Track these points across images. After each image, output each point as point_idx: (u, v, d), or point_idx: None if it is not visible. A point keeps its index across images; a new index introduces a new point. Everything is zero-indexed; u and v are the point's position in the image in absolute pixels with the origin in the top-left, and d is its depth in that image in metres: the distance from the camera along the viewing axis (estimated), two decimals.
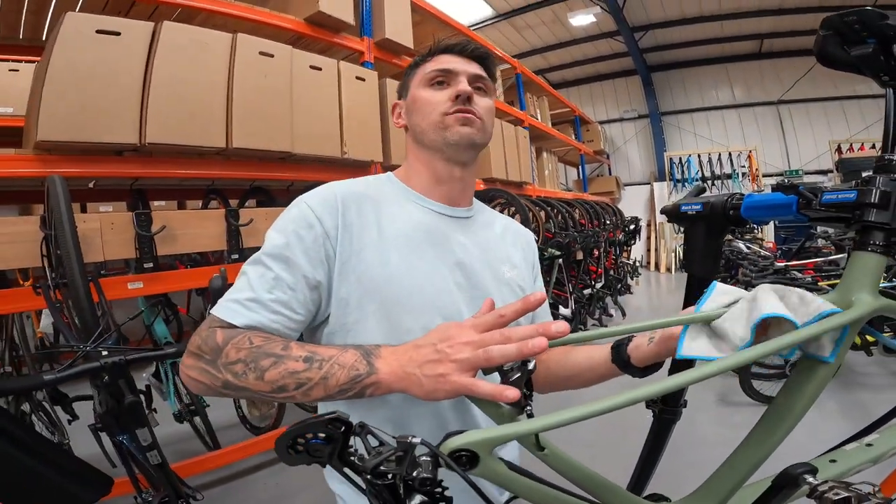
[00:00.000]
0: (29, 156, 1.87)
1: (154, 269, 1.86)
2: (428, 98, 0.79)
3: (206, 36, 2.23)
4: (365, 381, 0.55)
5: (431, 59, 0.82)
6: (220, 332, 0.62)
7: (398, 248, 0.73)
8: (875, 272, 0.58)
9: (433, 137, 0.79)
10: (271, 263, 0.67)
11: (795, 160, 9.67)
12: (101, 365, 1.03)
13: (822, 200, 0.61)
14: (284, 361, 0.58)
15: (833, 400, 2.99)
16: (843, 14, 0.62)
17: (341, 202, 0.73)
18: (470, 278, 0.77)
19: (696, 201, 0.77)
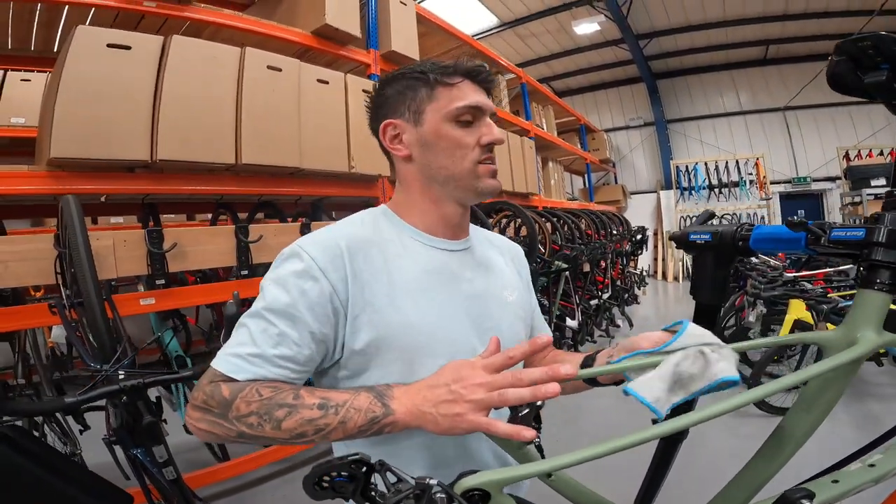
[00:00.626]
0: (42, 172, 1.90)
1: (165, 285, 1.89)
2: (459, 139, 0.74)
3: (215, 50, 2.26)
4: (383, 422, 0.58)
5: (454, 85, 0.74)
6: (225, 387, 0.62)
7: (410, 293, 0.71)
8: (880, 310, 0.58)
9: (461, 185, 0.75)
10: (275, 319, 0.65)
11: (803, 167, 9.61)
12: (121, 388, 1.06)
13: (831, 237, 0.61)
14: (299, 410, 0.58)
15: (844, 411, 2.95)
16: (857, 39, 0.62)
17: (347, 252, 0.69)
18: (480, 311, 0.77)
19: (705, 230, 0.78)
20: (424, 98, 0.75)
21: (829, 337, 0.63)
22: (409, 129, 0.76)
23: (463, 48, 4.61)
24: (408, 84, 0.76)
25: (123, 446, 1.31)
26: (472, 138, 0.74)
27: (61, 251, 1.62)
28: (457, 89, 0.74)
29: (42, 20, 2.59)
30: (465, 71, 0.75)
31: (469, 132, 0.74)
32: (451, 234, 0.79)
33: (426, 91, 0.75)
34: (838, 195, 8.99)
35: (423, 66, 0.75)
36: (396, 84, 0.77)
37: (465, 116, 0.74)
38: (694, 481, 1.84)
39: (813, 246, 0.64)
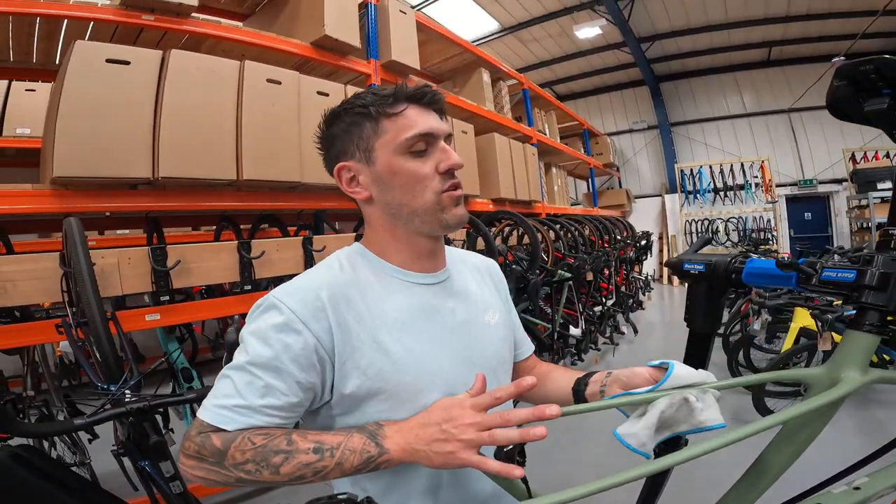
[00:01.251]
0: (46, 191, 1.93)
1: (170, 301, 1.91)
2: (414, 171, 0.70)
3: (215, 64, 2.26)
4: (378, 461, 0.60)
5: (398, 114, 0.70)
6: (216, 437, 0.62)
7: (394, 335, 0.70)
8: (867, 351, 0.59)
9: (426, 219, 0.72)
10: (259, 373, 0.64)
11: (809, 169, 9.54)
12: (127, 410, 1.09)
13: (822, 277, 0.61)
14: (295, 455, 0.60)
15: (850, 418, 2.95)
16: (859, 62, 0.60)
17: (329, 302, 0.67)
18: (465, 340, 0.76)
19: (700, 261, 0.78)
20: (371, 133, 0.71)
21: (814, 374, 0.63)
22: (363, 169, 0.73)
23: (464, 55, 4.63)
24: (351, 121, 0.72)
25: (132, 458, 1.34)
26: (429, 167, 0.71)
27: (66, 270, 1.65)
28: (403, 118, 0.70)
29: (42, 33, 2.61)
30: (407, 96, 0.71)
31: (425, 161, 0.71)
32: (428, 266, 0.77)
33: (371, 126, 0.71)
34: (845, 198, 8.92)
35: (363, 99, 0.71)
36: (340, 122, 0.74)
37: (418, 146, 0.70)
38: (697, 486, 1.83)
39: (804, 285, 0.64)
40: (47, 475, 1.05)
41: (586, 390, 0.76)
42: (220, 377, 0.67)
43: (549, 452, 2.83)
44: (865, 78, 0.59)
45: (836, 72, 0.63)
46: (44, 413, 2.31)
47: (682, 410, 0.59)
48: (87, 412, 1.83)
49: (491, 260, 0.95)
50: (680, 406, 0.59)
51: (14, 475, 1.00)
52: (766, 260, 0.69)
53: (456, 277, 0.82)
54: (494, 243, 3.10)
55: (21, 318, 2.41)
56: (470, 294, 0.81)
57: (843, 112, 0.64)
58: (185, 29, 2.36)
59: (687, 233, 10.05)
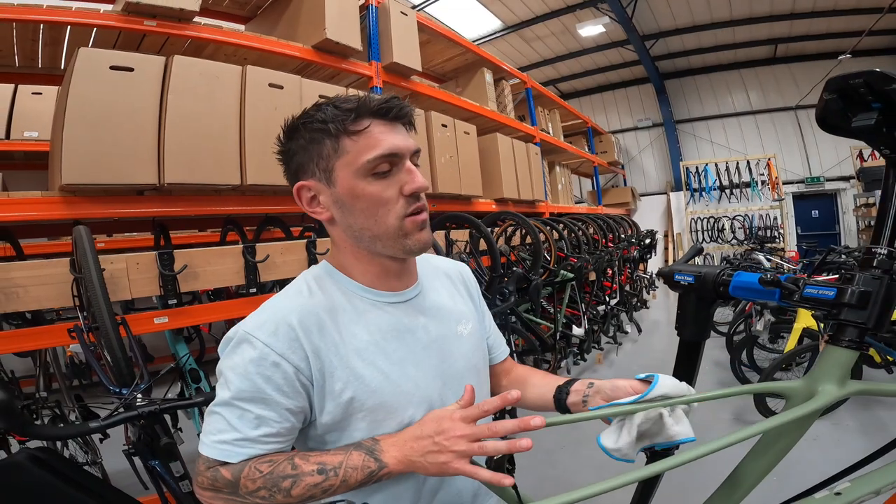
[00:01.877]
0: (55, 198, 1.96)
1: (178, 305, 1.95)
2: (376, 195, 0.67)
3: (217, 69, 2.27)
4: (379, 475, 0.64)
5: (361, 132, 0.66)
6: (224, 470, 0.64)
7: (367, 358, 0.69)
8: (845, 365, 0.61)
9: (389, 244, 0.69)
10: (247, 406, 0.64)
11: (816, 167, 9.46)
12: (139, 414, 1.14)
13: (804, 294, 0.64)
14: (302, 478, 0.63)
15: (852, 417, 2.95)
16: (849, 76, 0.60)
17: (301, 330, 0.66)
18: (440, 356, 0.76)
19: (689, 272, 0.80)
20: (331, 153, 0.67)
21: (791, 387, 0.66)
22: (323, 189, 0.70)
23: (466, 55, 4.64)
24: (311, 137, 0.68)
25: (142, 458, 1.38)
26: (393, 190, 0.67)
27: (77, 276, 1.69)
28: (365, 137, 0.66)
29: (46, 39, 2.63)
30: (371, 111, 0.66)
31: (388, 184, 0.67)
32: (397, 285, 0.76)
33: (331, 144, 0.67)
34: (852, 195, 8.84)
35: (323, 114, 0.66)
36: (299, 137, 0.69)
37: (381, 167, 0.66)
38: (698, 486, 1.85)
39: (787, 300, 0.66)
40: (64, 476, 1.10)
41: (567, 399, 0.78)
42: (209, 413, 0.67)
43: (551, 453, 2.85)
44: (855, 92, 0.59)
45: (826, 85, 0.63)
46: (56, 414, 2.37)
47: (657, 424, 0.63)
48: (98, 413, 1.88)
49: (462, 264, 0.94)
50: (655, 420, 0.63)
51: (34, 476, 1.05)
52: (752, 274, 0.71)
53: (428, 291, 0.81)
54: (496, 244, 3.12)
55: (32, 321, 2.47)
56: (442, 308, 0.80)
57: (833, 126, 0.64)
58: (187, 34, 2.37)
59: (692, 231, 10.01)
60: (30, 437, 1.53)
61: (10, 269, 1.76)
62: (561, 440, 2.97)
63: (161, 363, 4.54)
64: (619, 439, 0.63)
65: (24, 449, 1.14)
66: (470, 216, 3.08)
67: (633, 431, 0.62)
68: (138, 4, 2.14)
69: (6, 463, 1.08)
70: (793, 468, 2.32)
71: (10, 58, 2.79)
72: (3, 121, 3.59)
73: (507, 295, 2.98)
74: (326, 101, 0.68)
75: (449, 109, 4.01)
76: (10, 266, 1.78)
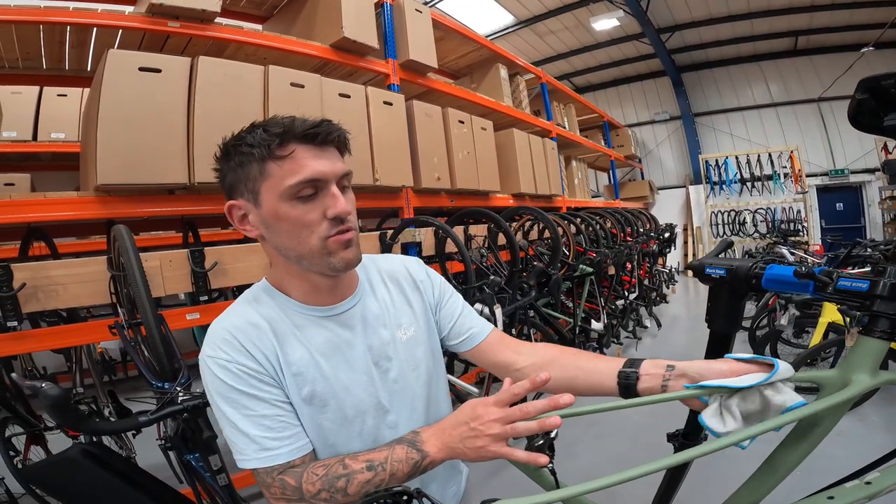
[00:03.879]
0: (90, 198, 2.03)
1: (208, 301, 2.01)
2: (298, 218, 0.69)
3: (241, 69, 2.32)
4: (424, 465, 0.68)
5: (285, 157, 0.68)
6: (288, 477, 0.70)
7: (303, 373, 0.73)
8: (877, 355, 0.62)
9: (315, 263, 0.72)
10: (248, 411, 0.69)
11: (840, 159, 9.22)
12: (184, 407, 1.19)
13: (837, 286, 0.65)
14: (354, 476, 0.68)
15: (877, 414, 2.92)
16: (881, 77, 0.61)
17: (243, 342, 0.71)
18: (375, 361, 0.79)
19: (721, 265, 0.81)
20: (257, 175, 0.69)
21: (825, 376, 0.67)
22: (251, 209, 0.72)
23: (481, 51, 4.64)
24: (239, 161, 0.70)
25: (178, 452, 1.42)
26: (316, 213, 0.69)
27: (115, 273, 1.76)
28: (290, 161, 0.68)
29: (73, 41, 2.67)
30: (298, 136, 0.68)
31: (312, 207, 0.69)
32: (331, 298, 0.78)
33: (258, 167, 0.69)
34: (878, 188, 8.60)
35: (252, 138, 0.69)
36: (229, 160, 0.72)
37: (304, 191, 0.68)
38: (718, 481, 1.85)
39: (820, 292, 0.67)
40: (115, 470, 1.15)
41: (639, 384, 0.73)
42: (229, 440, 0.72)
43: (572, 446, 2.86)
44: (886, 91, 0.61)
45: (858, 85, 0.64)
46: (93, 409, 2.45)
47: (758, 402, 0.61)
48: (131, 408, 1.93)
49: (411, 259, 0.94)
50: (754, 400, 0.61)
51: (88, 471, 1.10)
52: (786, 267, 0.71)
53: (367, 299, 0.83)
54: (515, 239, 3.13)
55: (68, 319, 2.56)
56: (378, 315, 0.82)
57: (865, 124, 0.66)
58: (210, 35, 2.42)
59: (713, 224, 9.85)
60: (84, 432, 1.60)
61: (49, 268, 1.84)
62: (582, 434, 2.98)
63: (185, 359, 4.66)
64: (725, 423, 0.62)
65: (76, 444, 1.19)
66: (488, 211, 3.10)
67: (735, 413, 0.61)
68: (162, 6, 2.20)
69: (61, 458, 1.12)
70: (818, 463, 2.30)
71: (38, 59, 2.85)
72: (30, 123, 3.71)
73: (528, 290, 2.99)
74: (259, 124, 0.71)
75: (465, 106, 4.02)
76: (49, 265, 1.85)
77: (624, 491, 0.75)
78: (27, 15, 2.08)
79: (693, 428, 0.98)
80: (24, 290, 1.71)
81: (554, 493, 0.55)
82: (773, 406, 0.61)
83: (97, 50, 2.76)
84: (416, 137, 3.25)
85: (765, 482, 0.69)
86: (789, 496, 0.75)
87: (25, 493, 1.93)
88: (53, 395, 1.01)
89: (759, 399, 0.61)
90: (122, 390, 2.99)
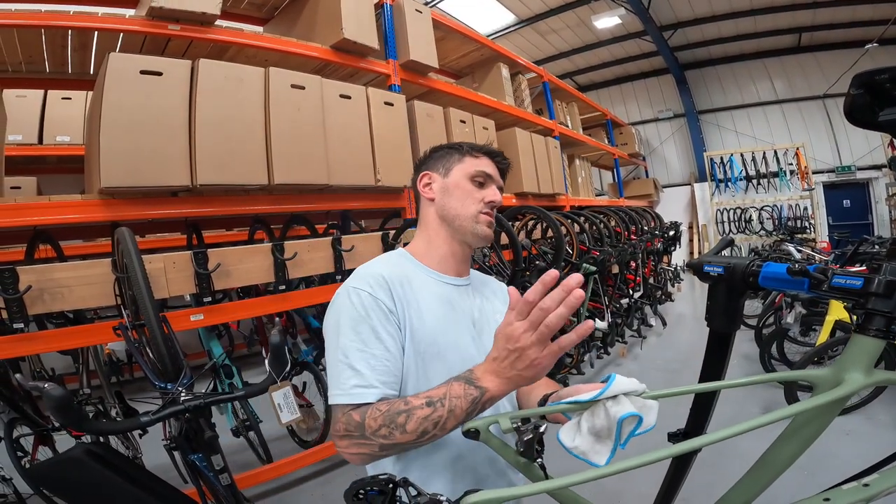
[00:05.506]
0: (95, 201, 2.05)
1: (212, 302, 2.02)
2: (470, 191, 0.98)
3: (241, 72, 2.33)
4: (483, 400, 0.70)
5: (479, 158, 1.00)
6: (354, 413, 0.76)
7: (429, 314, 0.89)
8: (872, 354, 0.61)
9: (464, 224, 0.97)
10: (362, 346, 0.80)
11: (847, 155, 9.13)
12: (186, 408, 1.20)
13: (832, 283, 0.64)
14: (414, 412, 0.71)
15: (885, 412, 2.89)
16: (875, 72, 0.61)
17: (388, 282, 0.87)
18: (479, 329, 0.96)
19: (719, 263, 0.81)
20: (456, 161, 1.01)
21: (818, 375, 0.66)
22: (438, 179, 1.01)
23: (482, 50, 4.63)
24: (446, 151, 1.03)
25: (182, 452, 1.43)
26: (480, 195, 0.98)
27: (119, 275, 1.77)
28: (479, 160, 1.00)
29: (75, 45, 2.69)
30: (487, 152, 1.02)
31: (479, 191, 0.99)
32: (456, 272, 1.00)
33: (458, 156, 1.01)
34: (885, 184, 8.52)
35: (461, 144, 1.03)
36: (441, 151, 1.04)
37: (479, 178, 0.99)
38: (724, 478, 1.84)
39: (815, 290, 0.66)
40: (119, 470, 1.15)
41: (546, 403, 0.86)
42: (332, 367, 0.82)
43: None
44: (881, 87, 0.60)
45: (853, 80, 0.64)
46: (100, 410, 2.46)
47: (603, 419, 0.64)
48: (137, 408, 1.94)
49: (503, 284, 1.17)
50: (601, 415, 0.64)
51: (92, 471, 1.10)
52: (781, 265, 0.71)
53: (476, 286, 1.05)
54: (518, 238, 3.13)
55: (74, 321, 2.58)
56: (485, 300, 1.03)
57: (860, 120, 0.65)
58: (210, 38, 2.43)
59: (718, 222, 9.79)
60: (87, 432, 1.61)
61: (55, 271, 1.85)
62: None
63: (191, 360, 4.68)
64: (574, 438, 0.66)
65: (80, 444, 1.20)
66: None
67: (583, 428, 0.64)
68: (162, 9, 2.21)
69: (65, 458, 1.13)
70: (824, 462, 2.29)
71: (41, 63, 2.87)
72: (35, 126, 3.74)
73: None
74: (463, 143, 1.05)
75: (467, 105, 4.02)
76: (55, 267, 1.87)
77: (627, 491, 0.75)
78: (28, 19, 2.09)
79: (694, 427, 0.97)
80: (30, 293, 1.73)
81: (538, 485, 0.55)
82: (611, 419, 0.63)
83: (99, 53, 2.78)
84: (417, 137, 3.25)
85: (758, 480, 0.68)
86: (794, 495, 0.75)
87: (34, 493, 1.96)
88: (56, 396, 1.02)
89: (603, 413, 0.65)
90: (129, 391, 3.02)
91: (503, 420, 0.66)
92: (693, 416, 0.97)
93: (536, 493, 0.54)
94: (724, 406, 0.96)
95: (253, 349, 5.20)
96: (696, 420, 0.97)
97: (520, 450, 0.62)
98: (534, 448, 0.61)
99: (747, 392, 3.33)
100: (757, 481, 0.67)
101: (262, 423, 2.68)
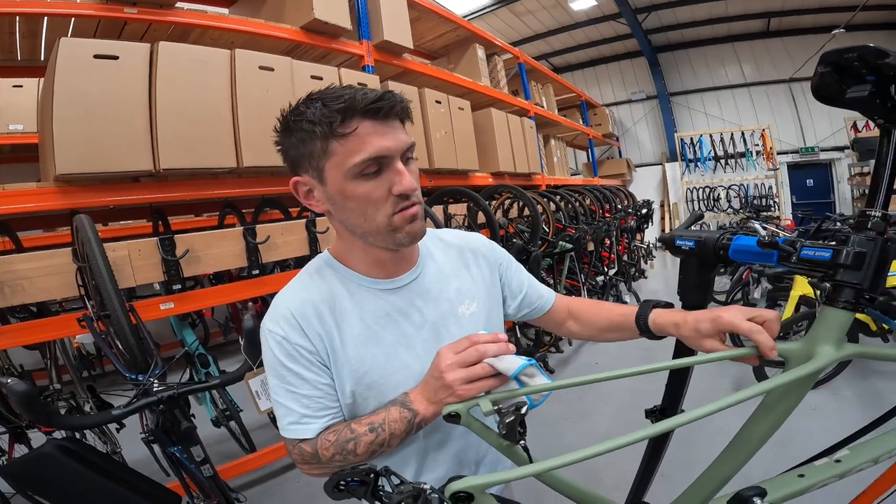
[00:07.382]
0: (51, 189, 1.94)
1: (182, 290, 1.96)
2: (364, 196, 0.68)
3: (205, 54, 2.23)
4: (416, 422, 0.71)
5: (349, 135, 0.65)
6: (305, 445, 0.75)
7: (359, 346, 0.75)
8: (841, 327, 0.62)
9: (379, 237, 0.72)
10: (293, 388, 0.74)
11: (811, 137, 9.46)
12: (159, 399, 1.17)
13: (801, 255, 0.65)
14: (360, 438, 0.72)
15: (849, 388, 2.99)
16: (843, 51, 0.61)
17: (302, 321, 0.73)
18: (436, 337, 0.79)
19: (690, 237, 0.82)
20: (320, 153, 0.67)
21: (790, 349, 0.67)
22: (316, 185, 0.72)
23: (458, 31, 4.56)
24: (300, 137, 0.68)
25: (161, 445, 1.41)
26: (382, 190, 0.68)
27: (81, 265, 1.69)
28: (354, 138, 0.65)
29: (23, 31, 2.55)
30: (361, 111, 0.65)
31: (377, 184, 0.68)
32: (393, 272, 0.79)
33: (321, 145, 0.67)
34: (847, 165, 8.86)
35: (312, 115, 0.66)
36: (290, 135, 0.70)
37: (369, 169, 0.67)
38: (700, 458, 1.90)
39: (784, 262, 0.67)
40: (93, 464, 1.12)
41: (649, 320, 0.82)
42: (274, 403, 0.77)
43: (556, 424, 2.92)
44: (849, 65, 0.61)
45: (821, 59, 0.64)
46: (72, 405, 2.39)
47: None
48: (112, 402, 1.88)
49: (475, 235, 0.94)
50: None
51: (64, 466, 1.08)
52: (751, 237, 0.72)
53: (428, 273, 0.83)
54: (495, 217, 3.13)
55: (38, 314, 2.48)
56: (441, 288, 0.82)
57: (828, 97, 0.66)
58: (170, 20, 2.31)
59: (688, 200, 10.06)
60: (56, 427, 1.55)
61: (14, 262, 1.76)
62: (566, 411, 3.04)
63: (165, 351, 4.57)
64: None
65: (51, 440, 1.16)
66: (467, 190, 3.08)
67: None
68: None
69: (37, 454, 1.11)
70: (793, 437, 2.37)
71: None
72: None
73: None
74: (317, 96, 0.67)
75: (442, 86, 3.96)
76: (14, 259, 1.77)
77: (606, 469, 0.77)
78: None
79: (670, 404, 1.00)
80: None
81: (522, 469, 0.55)
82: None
83: (49, 39, 2.62)
84: None
85: (736, 456, 0.70)
86: (768, 470, 0.77)
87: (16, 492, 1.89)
88: (19, 391, 0.98)
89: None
90: (102, 385, 2.92)
91: (484, 402, 0.64)
92: (669, 392, 1.00)
93: (521, 477, 0.54)
94: (697, 381, 0.99)
95: (229, 337, 5.11)
96: (671, 396, 0.99)
97: (502, 433, 0.61)
98: (516, 430, 0.61)
99: (719, 367, 3.44)
100: (735, 457, 0.69)
101: (242, 413, 2.65)
